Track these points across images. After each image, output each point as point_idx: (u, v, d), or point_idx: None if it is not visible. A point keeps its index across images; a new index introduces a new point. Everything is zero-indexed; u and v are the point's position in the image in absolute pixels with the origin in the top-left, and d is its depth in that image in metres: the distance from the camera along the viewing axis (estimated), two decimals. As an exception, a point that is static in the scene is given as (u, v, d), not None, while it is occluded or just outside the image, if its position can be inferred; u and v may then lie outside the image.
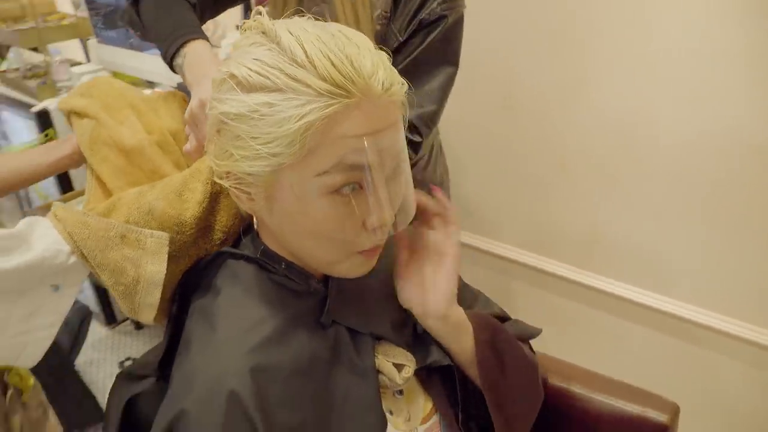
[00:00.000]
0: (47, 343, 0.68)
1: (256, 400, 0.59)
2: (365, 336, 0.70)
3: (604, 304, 1.63)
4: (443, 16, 0.99)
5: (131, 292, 0.69)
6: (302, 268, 0.68)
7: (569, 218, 1.62)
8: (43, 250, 0.65)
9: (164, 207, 0.70)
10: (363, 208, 0.59)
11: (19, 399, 0.82)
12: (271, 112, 0.55)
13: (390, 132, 0.59)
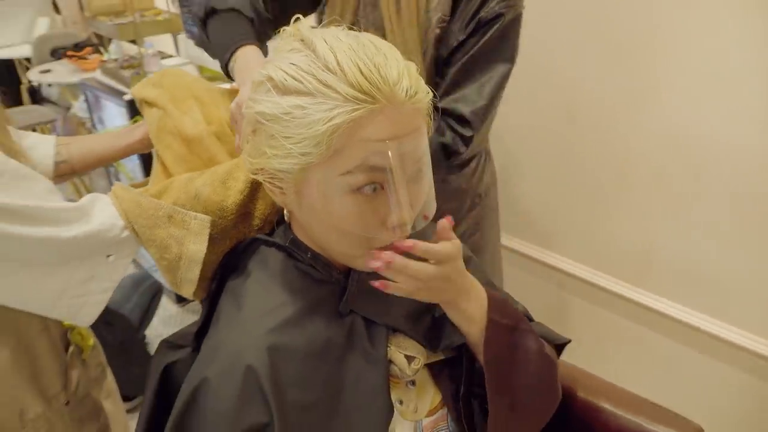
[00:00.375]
0: (101, 306, 0.77)
1: (271, 376, 0.65)
2: (380, 327, 0.74)
3: (656, 324, 1.59)
4: (501, 14, 1.02)
5: (174, 267, 0.77)
6: (326, 260, 0.73)
7: (627, 233, 1.59)
8: (101, 223, 0.73)
9: (209, 193, 0.77)
10: (383, 207, 0.63)
11: (79, 356, 0.92)
12: (303, 114, 0.60)
13: (412, 137, 0.62)
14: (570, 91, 1.57)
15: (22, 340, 0.81)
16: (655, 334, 1.60)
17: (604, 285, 1.66)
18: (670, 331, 1.56)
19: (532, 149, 1.72)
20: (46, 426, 0.84)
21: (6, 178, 0.67)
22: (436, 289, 0.68)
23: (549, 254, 1.80)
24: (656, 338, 1.60)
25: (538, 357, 0.77)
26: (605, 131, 1.54)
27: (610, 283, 1.65)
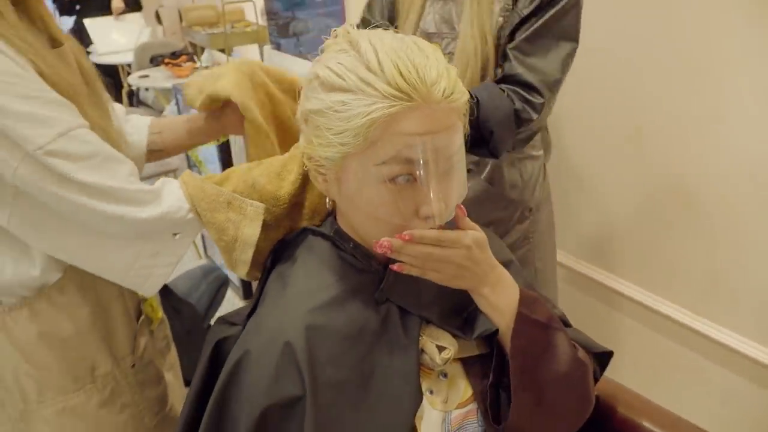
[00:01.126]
0: (165, 279, 0.85)
1: (307, 353, 0.70)
2: (414, 317, 0.78)
3: (716, 354, 1.53)
4: None
5: (230, 248, 0.84)
6: (367, 250, 0.79)
7: (689, 259, 1.55)
8: (170, 205, 0.82)
9: (265, 183, 0.85)
10: (415, 198, 0.68)
11: (148, 327, 1.01)
12: (344, 109, 0.66)
13: (445, 134, 0.67)
14: (637, 111, 1.55)
15: (100, 302, 0.90)
16: (715, 365, 1.54)
17: (665, 311, 1.62)
18: (732, 364, 1.50)
19: (596, 167, 1.71)
20: (113, 383, 0.93)
21: (98, 160, 0.76)
22: (447, 273, 0.71)
23: (606, 275, 1.77)
24: (716, 370, 1.54)
25: (569, 358, 0.78)
26: (672, 153, 1.51)
27: (670, 309, 1.61)
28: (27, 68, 0.72)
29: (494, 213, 1.26)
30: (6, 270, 0.82)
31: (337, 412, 0.71)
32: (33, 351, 0.86)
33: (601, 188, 1.72)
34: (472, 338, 0.79)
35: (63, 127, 0.73)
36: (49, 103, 0.73)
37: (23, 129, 0.70)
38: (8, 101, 0.69)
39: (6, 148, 0.70)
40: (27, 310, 0.85)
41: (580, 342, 0.86)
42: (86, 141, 0.76)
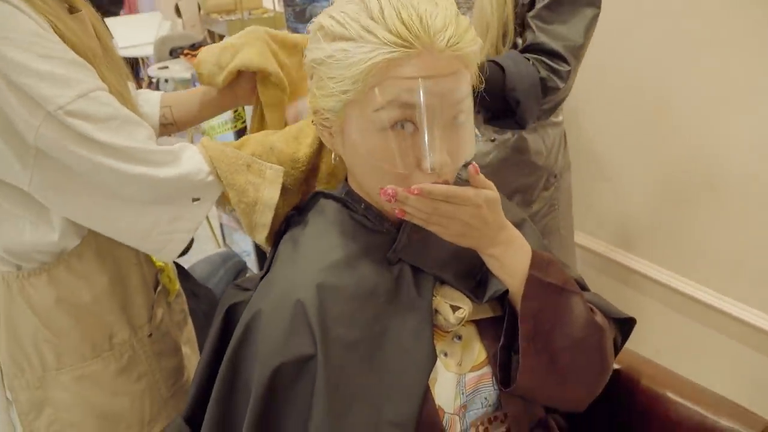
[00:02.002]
0: (183, 244, 0.85)
1: (318, 311, 0.70)
2: (427, 277, 0.77)
3: (743, 334, 1.50)
4: None
5: (250, 211, 0.84)
6: (378, 211, 0.77)
7: (714, 240, 1.51)
8: (190, 167, 0.82)
9: (282, 146, 0.85)
10: (416, 148, 0.66)
11: (165, 298, 1.01)
12: (344, 56, 0.66)
13: (448, 80, 0.65)
14: (657, 91, 1.53)
15: (118, 270, 0.90)
16: (741, 345, 1.51)
17: (689, 292, 1.59)
18: (758, 342, 1.47)
19: (616, 150, 1.69)
20: (130, 351, 0.93)
21: (118, 122, 0.76)
22: (453, 229, 0.69)
23: (629, 256, 1.74)
24: (742, 349, 1.51)
25: (584, 322, 0.76)
26: (694, 133, 1.48)
27: (695, 290, 1.58)
28: (47, 29, 0.73)
29: (520, 180, 1.25)
30: (25, 234, 0.82)
31: (349, 372, 0.70)
32: (51, 316, 0.87)
33: (622, 169, 1.69)
34: (482, 302, 0.77)
35: (83, 88, 0.73)
36: (69, 63, 0.73)
37: (44, 89, 0.70)
38: (29, 59, 0.69)
39: (27, 108, 0.70)
40: (46, 276, 0.85)
41: (600, 306, 0.83)
42: (105, 103, 0.76)
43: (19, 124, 0.71)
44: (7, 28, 0.69)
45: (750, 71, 1.33)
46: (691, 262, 1.59)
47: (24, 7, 0.71)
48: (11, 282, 0.85)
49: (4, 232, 0.82)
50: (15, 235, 0.82)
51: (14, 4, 0.70)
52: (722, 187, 1.45)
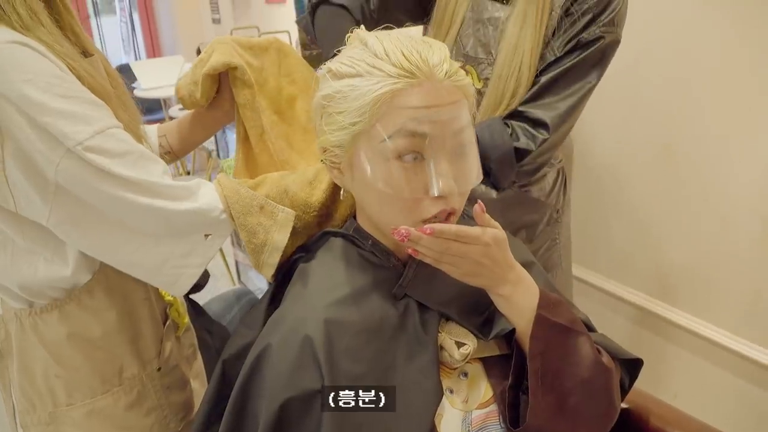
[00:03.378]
0: (194, 279, 0.86)
1: (326, 346, 0.71)
2: (433, 313, 0.78)
3: (760, 377, 1.47)
4: (601, 37, 1.05)
5: (259, 251, 0.86)
6: (386, 247, 0.79)
7: (728, 279, 1.50)
8: (205, 203, 0.84)
9: (296, 190, 0.87)
10: (423, 176, 0.69)
11: (174, 332, 1.03)
12: (352, 90, 0.70)
13: (449, 108, 0.69)
14: (666, 129, 1.54)
15: (127, 305, 0.92)
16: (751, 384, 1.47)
17: (706, 334, 1.56)
18: None
19: (625, 186, 1.69)
20: (139, 386, 0.94)
21: (134, 157, 0.79)
22: (463, 268, 0.71)
23: (639, 294, 1.73)
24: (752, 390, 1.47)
25: (591, 363, 0.76)
26: (703, 171, 1.48)
27: (712, 332, 1.56)
28: (66, 71, 0.76)
29: (525, 217, 1.28)
30: (39, 270, 0.85)
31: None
32: (62, 352, 0.88)
33: (631, 207, 1.69)
34: (488, 339, 0.78)
35: (100, 125, 0.76)
36: (87, 102, 0.77)
37: (64, 126, 0.73)
38: (50, 99, 0.72)
39: (48, 145, 0.73)
40: (57, 312, 0.87)
41: (606, 347, 0.84)
42: (122, 139, 0.79)
43: (40, 161, 0.74)
44: (29, 70, 0.72)
45: (764, 105, 1.33)
46: (705, 302, 1.57)
47: (44, 50, 0.75)
48: (24, 319, 0.87)
49: (18, 269, 0.84)
50: (29, 271, 0.84)
51: (35, 48, 0.74)
52: (736, 225, 1.45)
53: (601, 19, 1.04)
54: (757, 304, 1.45)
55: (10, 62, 0.72)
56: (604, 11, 1.04)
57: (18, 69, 0.71)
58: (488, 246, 0.70)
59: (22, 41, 0.73)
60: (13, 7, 0.75)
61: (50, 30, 0.78)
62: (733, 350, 1.50)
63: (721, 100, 1.41)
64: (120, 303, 0.91)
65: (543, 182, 1.27)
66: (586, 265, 1.88)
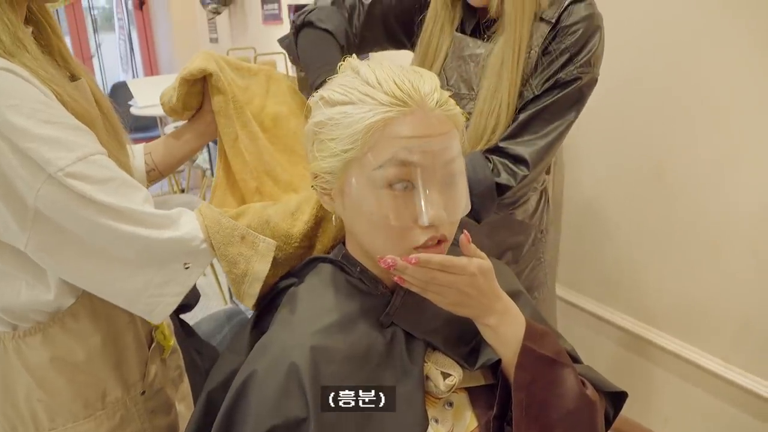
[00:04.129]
0: (172, 308, 0.86)
1: (311, 374, 0.71)
2: (419, 342, 0.78)
3: (750, 405, 1.46)
4: (578, 78, 1.07)
5: (240, 281, 0.86)
6: (374, 274, 0.79)
7: (718, 304, 1.50)
8: (185, 232, 0.84)
9: (278, 221, 0.88)
10: (413, 204, 0.69)
11: (160, 354, 1.02)
12: (344, 117, 0.71)
13: (440, 139, 0.69)
14: (658, 153, 1.55)
15: (111, 328, 0.91)
16: (745, 414, 1.47)
17: (694, 359, 1.56)
18: (762, 413, 1.43)
19: (616, 209, 1.69)
20: (123, 410, 0.93)
21: (116, 184, 0.79)
22: (449, 298, 0.71)
23: (629, 319, 1.72)
24: (747, 419, 1.47)
25: (575, 395, 0.76)
26: (697, 194, 1.49)
27: (700, 358, 1.55)
28: (51, 96, 0.76)
29: (510, 239, 1.29)
30: (21, 294, 0.84)
31: None
32: (45, 376, 0.87)
33: (623, 231, 1.70)
34: (474, 369, 0.78)
35: (83, 151, 0.76)
36: (71, 128, 0.77)
37: (46, 152, 0.73)
38: (33, 125, 0.72)
39: (30, 170, 0.73)
40: (40, 336, 0.86)
41: (591, 379, 0.84)
42: (104, 166, 0.79)
43: (21, 187, 0.73)
44: (13, 96, 0.72)
45: (756, 134, 1.34)
46: (695, 328, 1.57)
47: (28, 76, 0.75)
48: (7, 342, 0.86)
49: (1, 292, 0.84)
50: (11, 295, 0.84)
51: (19, 74, 0.74)
52: (727, 251, 1.45)
53: (579, 59, 1.06)
54: (747, 331, 1.45)
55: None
56: (581, 51, 1.06)
57: (2, 95, 0.71)
58: (474, 276, 0.70)
59: (7, 67, 0.73)
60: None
61: (35, 55, 0.78)
62: (723, 377, 1.49)
63: (713, 126, 1.42)
64: (104, 326, 0.90)
65: (527, 205, 1.29)
66: (576, 288, 1.88)
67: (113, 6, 5.93)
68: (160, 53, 5.79)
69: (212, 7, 4.20)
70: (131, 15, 5.71)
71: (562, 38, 1.06)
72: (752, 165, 1.36)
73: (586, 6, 1.07)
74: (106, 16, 6.23)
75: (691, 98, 1.45)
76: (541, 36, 1.08)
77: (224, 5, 4.23)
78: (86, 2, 5.59)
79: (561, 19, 1.07)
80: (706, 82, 1.41)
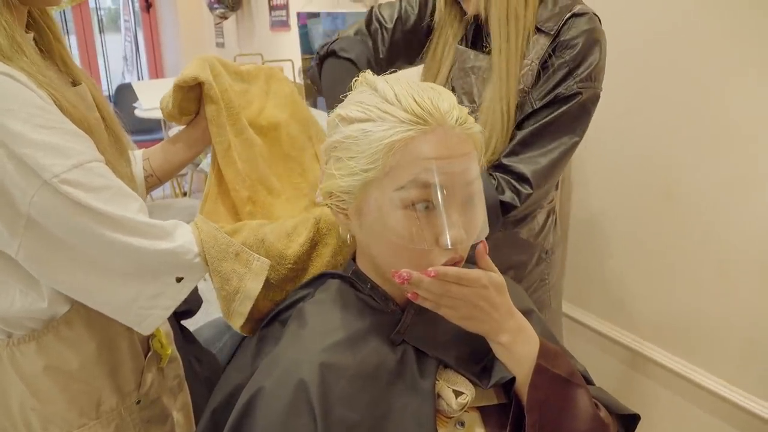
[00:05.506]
0: (161, 320, 0.85)
1: (320, 391, 0.69)
2: (431, 359, 0.76)
3: (754, 428, 1.44)
4: (578, 93, 1.05)
5: (231, 298, 0.85)
6: (385, 291, 0.78)
7: (725, 325, 1.48)
8: (179, 245, 0.82)
9: (273, 240, 0.86)
10: (434, 225, 0.68)
11: (157, 363, 1.00)
12: (364, 136, 0.69)
13: (461, 160, 0.68)
14: (667, 173, 1.53)
15: (107, 336, 0.90)
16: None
17: (698, 381, 1.54)
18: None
19: (624, 229, 1.68)
20: (117, 419, 0.91)
21: (111, 192, 0.77)
22: (462, 311, 0.70)
23: (635, 339, 1.70)
24: (753, 445, 1.44)
25: (589, 416, 0.74)
26: (704, 214, 1.47)
27: (705, 379, 1.53)
28: (48, 101, 0.75)
29: (514, 257, 1.27)
30: (15, 302, 0.82)
31: None
32: (39, 384, 0.86)
33: (630, 250, 1.68)
34: (487, 387, 0.76)
35: (79, 159, 0.75)
36: (68, 134, 0.75)
37: (41, 158, 0.71)
38: (29, 130, 0.71)
39: (24, 176, 0.71)
40: (35, 344, 0.85)
41: (604, 401, 0.82)
42: (100, 174, 0.77)
43: (15, 193, 0.72)
44: (10, 100, 0.71)
45: (764, 152, 1.33)
46: (700, 349, 1.55)
47: (26, 80, 0.73)
48: (1, 350, 0.85)
49: None
50: (5, 303, 0.82)
51: (17, 78, 0.73)
52: (734, 272, 1.43)
53: (578, 73, 1.04)
54: (753, 352, 1.43)
55: None
56: (580, 66, 1.04)
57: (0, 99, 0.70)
58: (486, 288, 0.70)
59: (5, 71, 0.72)
60: None
61: (33, 60, 0.76)
62: (727, 399, 1.47)
63: (723, 145, 1.40)
64: (99, 334, 0.89)
65: (533, 223, 1.26)
66: (579, 305, 1.86)
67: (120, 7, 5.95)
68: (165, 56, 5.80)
69: (220, 12, 4.20)
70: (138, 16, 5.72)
71: (561, 52, 1.05)
72: (761, 185, 1.34)
73: (587, 20, 1.06)
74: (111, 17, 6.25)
75: (701, 116, 1.43)
76: (542, 48, 1.07)
77: (232, 10, 4.23)
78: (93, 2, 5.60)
79: (561, 32, 1.06)
80: (716, 100, 1.40)
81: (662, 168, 1.54)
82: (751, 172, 1.36)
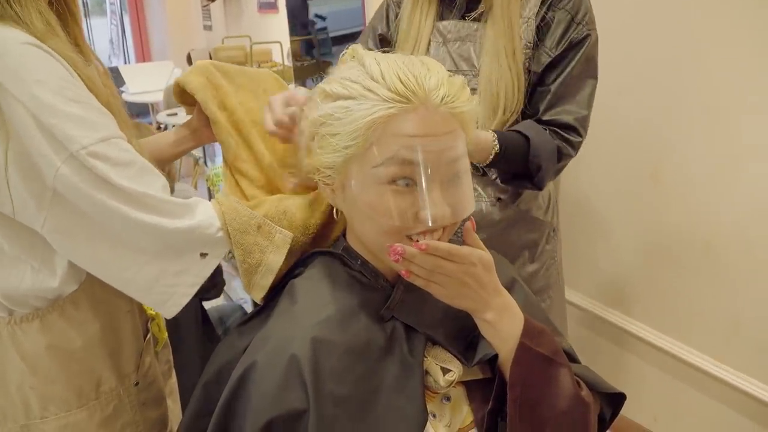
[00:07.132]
0: (186, 299, 0.84)
1: (311, 366, 0.70)
2: (420, 336, 0.77)
3: (741, 405, 1.47)
4: (588, 35, 1.12)
5: (252, 271, 0.85)
6: (375, 268, 0.78)
7: (710, 304, 1.51)
8: (201, 220, 0.82)
9: (295, 211, 0.87)
10: (414, 202, 0.69)
11: (153, 347, 1.01)
12: (345, 113, 0.69)
13: (444, 138, 0.68)
14: (655, 154, 1.55)
15: (111, 317, 0.90)
16: (737, 413, 1.48)
17: (685, 357, 1.57)
18: (754, 413, 1.44)
19: (613, 210, 1.70)
20: (116, 401, 0.92)
21: (136, 169, 0.78)
22: (450, 288, 0.70)
23: (623, 317, 1.73)
24: (738, 419, 1.48)
25: (570, 395, 0.76)
26: (691, 195, 1.50)
27: (692, 356, 1.56)
28: (76, 77, 0.76)
29: (526, 236, 1.29)
30: (25, 279, 0.82)
31: (339, 428, 0.69)
32: (39, 363, 0.86)
33: (618, 229, 1.70)
34: (472, 365, 0.77)
35: (105, 132, 0.75)
36: (94, 109, 0.76)
37: (70, 129, 0.72)
38: (60, 102, 0.71)
39: (52, 147, 0.72)
40: (38, 322, 0.85)
41: (588, 380, 0.83)
42: (125, 149, 0.78)
43: (42, 164, 0.72)
44: (41, 71, 0.71)
45: (751, 136, 1.35)
46: (687, 327, 1.58)
47: (54, 53, 0.74)
48: (2, 328, 0.85)
49: (5, 277, 0.82)
50: (15, 280, 0.82)
51: (45, 49, 0.73)
52: (720, 251, 1.46)
53: (579, 17, 1.12)
54: (739, 330, 1.46)
55: (22, 63, 0.71)
56: (579, 11, 1.12)
57: (30, 70, 0.71)
58: (474, 266, 0.70)
59: (36, 43, 0.72)
60: (31, 19, 0.75)
61: (62, 39, 0.77)
62: (715, 376, 1.50)
63: (709, 127, 1.42)
64: (103, 315, 0.89)
65: (539, 200, 1.29)
66: (568, 284, 1.89)
67: (106, -10, 5.87)
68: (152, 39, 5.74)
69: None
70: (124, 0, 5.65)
71: (557, 3, 1.12)
72: (746, 166, 1.36)
73: None
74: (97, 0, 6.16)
75: (689, 100, 1.45)
76: (535, 5, 1.13)
77: (219, -8, 4.19)
78: (78, -15, 5.51)
79: None
80: (703, 84, 1.41)
81: (650, 149, 1.56)
82: (736, 154, 1.38)
